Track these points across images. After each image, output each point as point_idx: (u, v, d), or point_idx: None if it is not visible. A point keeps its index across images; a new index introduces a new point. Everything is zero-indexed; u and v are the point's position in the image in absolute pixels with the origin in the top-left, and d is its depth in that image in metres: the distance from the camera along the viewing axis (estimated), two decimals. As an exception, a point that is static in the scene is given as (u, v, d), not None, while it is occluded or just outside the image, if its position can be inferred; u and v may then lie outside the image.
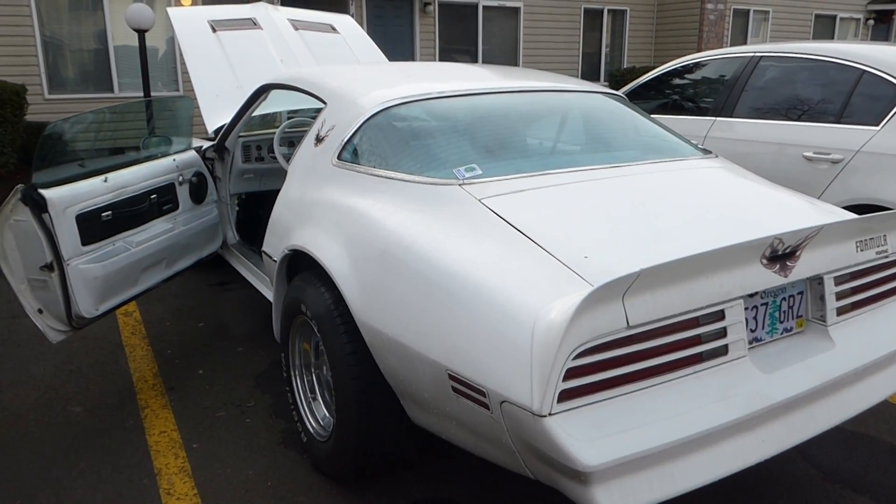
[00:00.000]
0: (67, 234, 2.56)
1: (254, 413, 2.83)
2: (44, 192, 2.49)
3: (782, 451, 1.67)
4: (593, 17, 13.64)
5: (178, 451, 2.56)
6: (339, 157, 2.45)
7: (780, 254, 1.73)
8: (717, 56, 4.36)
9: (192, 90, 3.87)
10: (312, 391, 2.48)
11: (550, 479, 1.53)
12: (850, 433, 2.65)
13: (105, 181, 2.75)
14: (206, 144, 3.70)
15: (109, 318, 3.84)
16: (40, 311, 2.65)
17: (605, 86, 13.16)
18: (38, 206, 2.47)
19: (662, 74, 4.69)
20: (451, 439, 1.87)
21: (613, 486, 1.44)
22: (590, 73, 13.84)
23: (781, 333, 1.85)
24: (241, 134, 3.75)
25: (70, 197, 2.57)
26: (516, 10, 12.78)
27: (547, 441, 1.43)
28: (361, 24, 11.25)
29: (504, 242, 1.79)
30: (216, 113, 3.79)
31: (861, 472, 2.40)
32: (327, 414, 2.41)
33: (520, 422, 1.49)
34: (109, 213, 2.75)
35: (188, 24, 4.13)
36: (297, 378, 2.52)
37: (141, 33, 7.55)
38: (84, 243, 2.63)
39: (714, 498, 2.26)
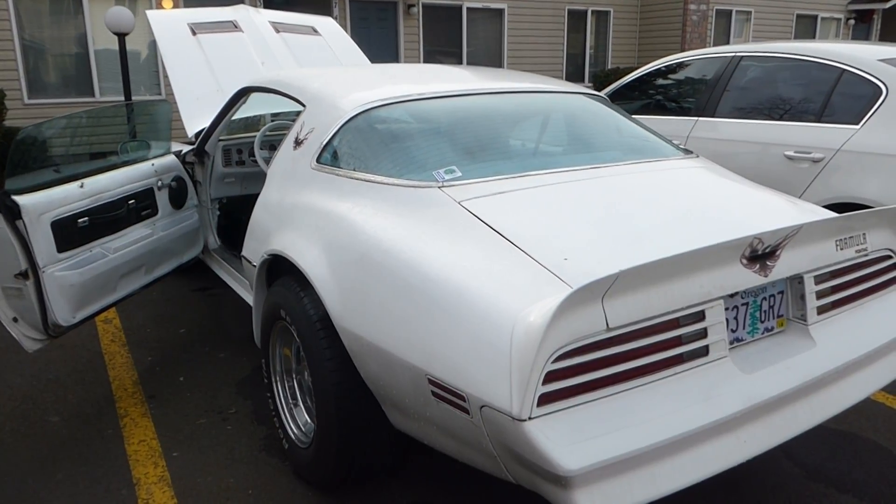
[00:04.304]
0: (42, 241, 2.51)
1: (235, 420, 2.79)
2: (17, 198, 2.44)
3: (765, 451, 1.66)
4: (577, 18, 13.69)
5: (157, 460, 2.53)
6: (318, 160, 2.42)
7: (759, 253, 1.72)
8: (698, 56, 4.37)
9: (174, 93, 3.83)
10: (294, 397, 2.45)
11: (532, 484, 1.52)
12: (833, 431, 2.66)
13: (81, 186, 2.71)
14: (186, 148, 3.66)
15: (89, 326, 3.79)
16: (15, 320, 2.60)
17: (589, 87, 13.21)
18: (12, 213, 2.42)
19: (645, 75, 4.69)
20: (433, 444, 1.85)
21: (595, 490, 1.43)
22: (574, 74, 13.88)
23: (762, 333, 1.85)
24: (222, 137, 3.71)
25: (45, 203, 2.53)
26: (500, 12, 12.80)
27: (527, 445, 1.41)
28: (345, 27, 11.21)
29: (484, 245, 1.78)
30: (196, 116, 3.75)
31: (845, 471, 2.41)
32: (309, 420, 2.38)
33: (500, 426, 1.47)
34: (86, 218, 2.71)
35: (167, 26, 4.08)
36: (279, 384, 2.49)
37: (121, 37, 7.48)
38: (60, 250, 2.59)
39: (697, 498, 2.25)
